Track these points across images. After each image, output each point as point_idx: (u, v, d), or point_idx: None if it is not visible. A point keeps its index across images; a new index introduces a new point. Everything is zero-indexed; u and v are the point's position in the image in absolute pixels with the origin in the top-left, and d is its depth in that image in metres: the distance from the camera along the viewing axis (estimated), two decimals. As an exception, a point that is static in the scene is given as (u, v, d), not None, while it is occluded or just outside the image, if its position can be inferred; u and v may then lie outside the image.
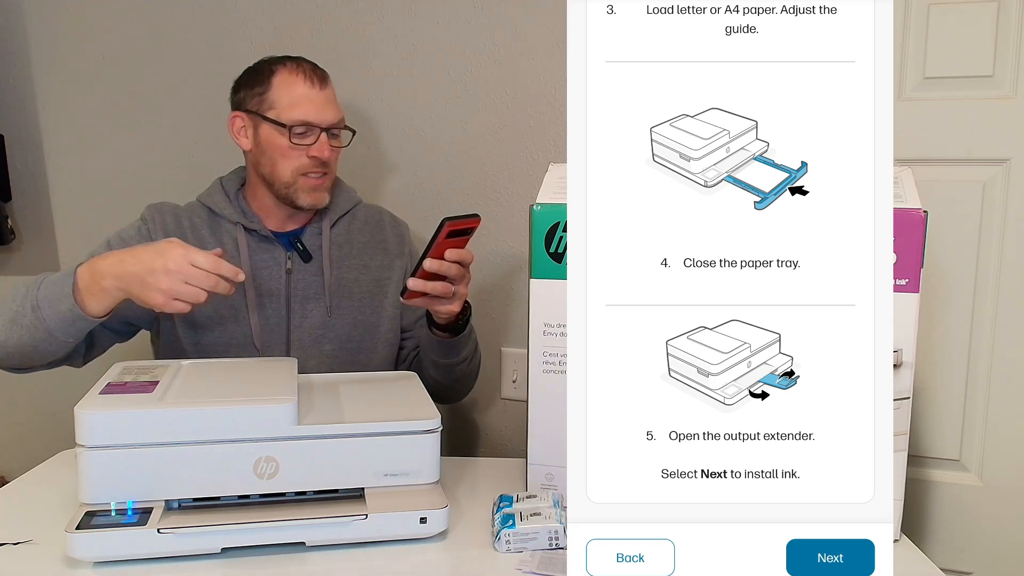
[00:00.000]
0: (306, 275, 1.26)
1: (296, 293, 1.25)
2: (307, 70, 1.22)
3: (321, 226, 1.29)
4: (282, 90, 1.20)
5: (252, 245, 1.24)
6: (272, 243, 1.25)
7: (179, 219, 1.24)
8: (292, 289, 1.25)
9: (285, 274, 1.25)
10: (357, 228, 1.32)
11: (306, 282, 1.25)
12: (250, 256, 1.23)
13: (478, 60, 1.48)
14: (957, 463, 1.24)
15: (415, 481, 0.91)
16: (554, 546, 0.87)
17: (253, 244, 1.24)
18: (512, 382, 1.54)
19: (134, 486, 0.84)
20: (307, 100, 1.20)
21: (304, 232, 1.28)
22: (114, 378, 0.93)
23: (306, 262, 1.26)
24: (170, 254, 0.99)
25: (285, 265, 1.25)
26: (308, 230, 1.28)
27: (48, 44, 1.66)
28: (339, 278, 1.27)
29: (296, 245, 1.26)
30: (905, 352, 0.89)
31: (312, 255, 1.26)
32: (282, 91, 1.20)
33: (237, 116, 1.24)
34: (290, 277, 1.25)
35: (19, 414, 1.73)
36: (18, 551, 0.86)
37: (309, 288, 1.25)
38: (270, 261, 1.24)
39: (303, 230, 1.28)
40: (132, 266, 1.00)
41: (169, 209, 1.25)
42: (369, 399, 0.99)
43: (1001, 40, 1.15)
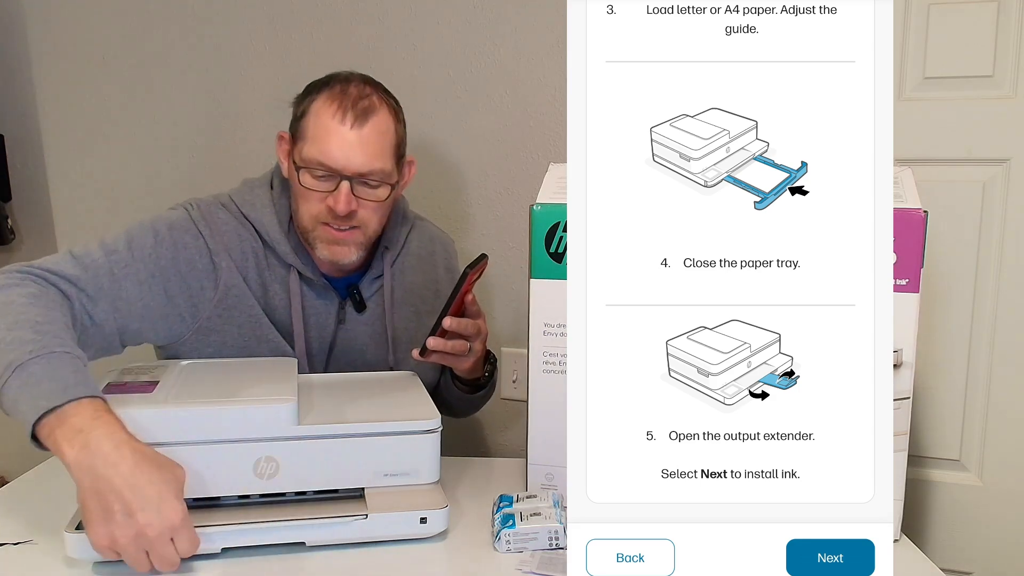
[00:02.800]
0: (356, 325, 1.12)
1: (340, 344, 1.11)
2: (348, 101, 1.00)
3: (382, 268, 1.12)
4: (313, 119, 1.01)
5: (304, 292, 1.08)
6: (326, 291, 1.09)
7: (239, 238, 1.05)
8: (337, 340, 1.11)
9: (335, 324, 1.10)
10: (410, 266, 1.16)
11: (354, 333, 1.12)
12: (303, 304, 1.07)
13: (478, 60, 1.48)
14: (957, 463, 1.24)
15: (415, 481, 0.91)
16: (554, 546, 0.87)
17: (305, 291, 1.08)
18: (512, 382, 1.54)
19: (134, 486, 0.83)
20: (332, 138, 0.99)
21: (362, 279, 1.12)
22: (114, 378, 0.93)
23: (359, 313, 1.11)
24: (167, 513, 0.76)
25: (336, 315, 1.10)
26: (367, 275, 1.12)
27: (48, 44, 1.66)
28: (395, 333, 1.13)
29: (353, 295, 1.11)
30: (905, 352, 0.89)
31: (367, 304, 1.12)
32: (312, 120, 1.01)
33: (282, 137, 1.08)
34: (339, 328, 1.11)
35: (19, 414, 1.73)
36: (18, 551, 0.86)
37: (356, 340, 1.12)
38: (320, 310, 1.09)
39: (361, 276, 1.12)
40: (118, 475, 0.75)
41: (224, 221, 1.05)
42: (369, 399, 0.99)
43: (1001, 40, 1.15)
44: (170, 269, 1.01)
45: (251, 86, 1.60)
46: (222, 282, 1.04)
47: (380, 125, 1.02)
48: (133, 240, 1.00)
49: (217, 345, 1.05)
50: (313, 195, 1.02)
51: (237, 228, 1.06)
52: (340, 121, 1.00)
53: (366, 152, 1.00)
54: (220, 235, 1.05)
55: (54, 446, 0.76)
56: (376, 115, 1.02)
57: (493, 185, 1.51)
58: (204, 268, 1.03)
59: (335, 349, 1.12)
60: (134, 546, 0.76)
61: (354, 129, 1.00)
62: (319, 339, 1.10)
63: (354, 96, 1.02)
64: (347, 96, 1.01)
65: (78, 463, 0.75)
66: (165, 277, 1.01)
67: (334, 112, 1.00)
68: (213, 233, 1.04)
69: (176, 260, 1.02)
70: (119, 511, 0.75)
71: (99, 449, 0.76)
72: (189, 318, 1.03)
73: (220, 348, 1.05)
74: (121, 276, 0.97)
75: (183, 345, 1.05)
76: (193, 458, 0.84)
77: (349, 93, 1.02)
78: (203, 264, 1.03)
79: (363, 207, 1.03)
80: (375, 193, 1.03)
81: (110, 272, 0.97)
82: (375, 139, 1.01)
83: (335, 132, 1.00)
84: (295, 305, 1.06)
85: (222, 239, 1.04)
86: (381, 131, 1.02)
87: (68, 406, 0.77)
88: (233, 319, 1.05)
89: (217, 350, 1.05)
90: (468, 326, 1.02)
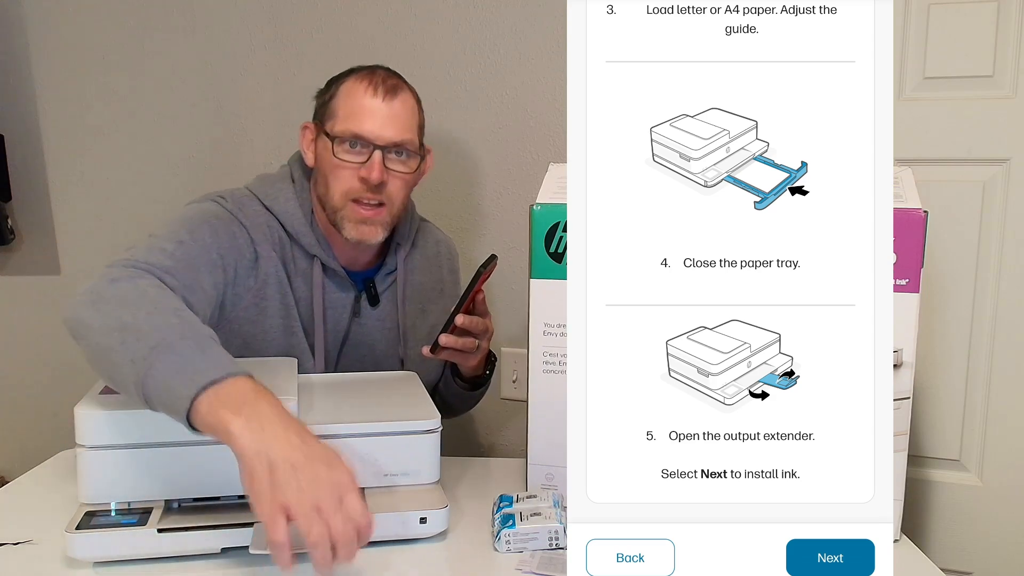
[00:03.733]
0: (369, 320, 1.15)
1: (353, 338, 1.14)
2: (376, 79, 1.07)
3: (396, 264, 1.16)
4: (343, 99, 1.07)
5: (325, 283, 1.11)
6: (345, 284, 1.13)
7: (270, 229, 1.08)
8: (350, 334, 1.14)
9: (350, 316, 1.14)
10: (420, 266, 1.20)
11: (367, 327, 1.15)
12: (324, 296, 1.11)
13: (478, 60, 1.48)
14: (957, 463, 1.24)
15: (415, 481, 0.91)
16: (554, 546, 0.87)
17: (327, 282, 1.11)
18: (512, 382, 1.54)
19: (134, 486, 0.84)
20: (365, 111, 1.05)
21: (377, 273, 1.16)
22: (114, 378, 0.93)
23: (373, 307, 1.15)
24: (342, 474, 0.73)
25: (352, 308, 1.14)
26: (381, 269, 1.16)
27: (48, 44, 1.66)
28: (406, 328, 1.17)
29: (369, 289, 1.15)
30: (905, 352, 0.89)
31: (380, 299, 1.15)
32: (343, 100, 1.07)
33: (307, 127, 1.12)
34: (352, 322, 1.14)
35: (19, 414, 1.73)
36: (18, 551, 0.86)
37: (368, 335, 1.15)
38: (338, 303, 1.12)
39: (376, 270, 1.16)
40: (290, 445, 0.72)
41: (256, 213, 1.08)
42: (369, 399, 0.99)
43: (1001, 40, 1.15)
44: (229, 257, 1.03)
45: (251, 85, 1.60)
46: (262, 271, 1.07)
47: (408, 101, 1.09)
48: (194, 232, 1.01)
49: (248, 336, 1.06)
50: (345, 170, 1.05)
51: (268, 219, 1.09)
52: (372, 95, 1.05)
53: (397, 123, 1.06)
54: (256, 226, 1.07)
55: (215, 420, 0.73)
56: (404, 92, 1.09)
57: (493, 185, 1.51)
58: (250, 259, 1.06)
59: (347, 343, 1.15)
60: (308, 512, 0.70)
61: (385, 102, 1.06)
62: (334, 332, 1.13)
63: (382, 76, 1.08)
64: (376, 76, 1.08)
65: (246, 432, 0.72)
66: (224, 266, 1.02)
67: (365, 88, 1.06)
68: (252, 224, 1.07)
69: (232, 249, 1.04)
70: (292, 477, 0.71)
71: (268, 420, 0.73)
72: (229, 307, 1.05)
73: (251, 339, 1.06)
74: (197, 265, 0.98)
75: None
76: (193, 458, 0.84)
77: (377, 74, 1.08)
78: (249, 255, 1.06)
79: (392, 180, 1.07)
80: (405, 164, 1.08)
81: (189, 262, 0.97)
82: (405, 112, 1.07)
83: (368, 105, 1.05)
84: (317, 296, 1.09)
85: (259, 230, 1.07)
86: (409, 107, 1.09)
87: (228, 381, 0.76)
88: (267, 308, 1.07)
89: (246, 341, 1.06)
90: (478, 324, 1.05)
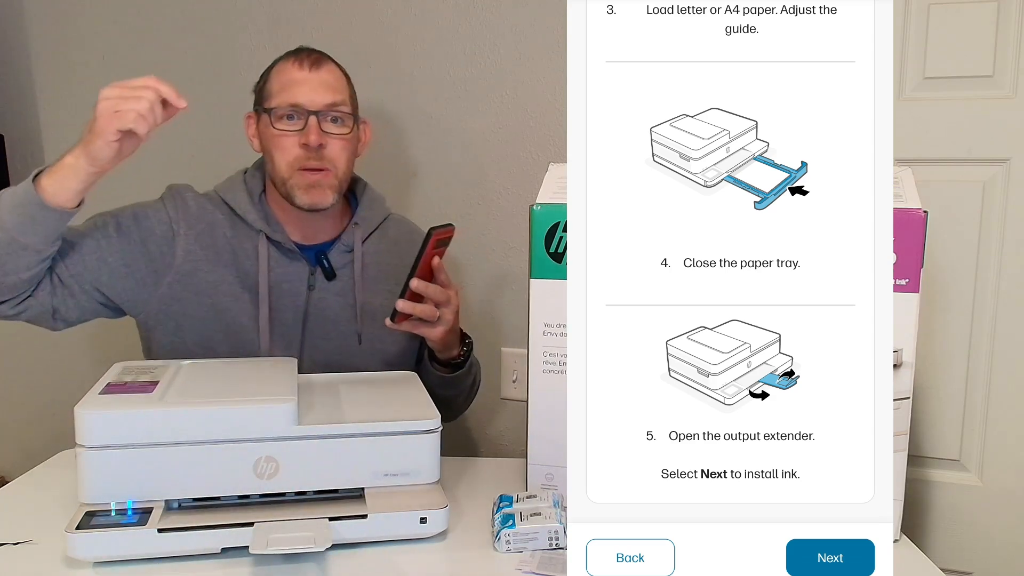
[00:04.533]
0: (327, 295, 1.18)
1: (314, 313, 1.17)
2: (302, 55, 1.16)
3: (352, 242, 1.20)
4: (275, 78, 1.15)
5: (274, 257, 1.16)
6: (296, 257, 1.17)
7: (202, 210, 1.17)
8: (310, 309, 1.17)
9: (306, 291, 1.17)
10: (386, 248, 1.24)
11: (326, 302, 1.18)
12: (270, 269, 1.15)
13: (478, 60, 1.48)
14: (957, 463, 1.24)
15: (415, 481, 0.91)
16: (554, 546, 0.87)
17: (275, 256, 1.16)
18: (512, 382, 1.54)
19: (134, 486, 0.84)
20: (295, 83, 1.13)
21: (332, 247, 1.20)
22: (114, 378, 0.93)
23: (329, 280, 1.18)
24: (102, 94, 1.00)
25: (307, 282, 1.17)
26: (337, 245, 1.20)
27: (48, 44, 1.66)
28: (364, 303, 1.19)
29: (322, 262, 1.18)
30: (905, 352, 0.89)
31: (337, 274, 1.19)
32: (275, 79, 1.15)
33: (249, 117, 1.20)
34: (310, 295, 1.17)
35: (19, 414, 1.73)
36: (18, 551, 0.86)
37: (329, 309, 1.18)
38: (292, 276, 1.16)
39: (331, 245, 1.20)
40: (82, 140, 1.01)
41: (192, 197, 1.18)
42: (369, 399, 0.99)
43: (1001, 40, 1.15)
44: (132, 230, 1.13)
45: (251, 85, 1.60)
46: (180, 248, 1.14)
47: (334, 71, 1.17)
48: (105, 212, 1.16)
49: (179, 316, 1.14)
50: (285, 139, 1.13)
51: (203, 204, 1.18)
52: (299, 68, 1.14)
53: (326, 88, 1.14)
54: (184, 209, 1.16)
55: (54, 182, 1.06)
56: (328, 63, 1.17)
57: (493, 185, 1.51)
58: (163, 235, 1.14)
59: (309, 318, 1.18)
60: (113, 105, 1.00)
61: (312, 71, 1.14)
62: (292, 306, 1.17)
63: (306, 52, 1.17)
64: (300, 52, 1.17)
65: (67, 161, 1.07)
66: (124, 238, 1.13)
67: (292, 63, 1.15)
68: (176, 206, 1.16)
69: (136, 223, 1.14)
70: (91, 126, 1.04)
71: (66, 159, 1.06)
72: (151, 284, 1.14)
73: (182, 319, 1.14)
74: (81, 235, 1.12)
75: (149, 316, 1.15)
76: (193, 458, 0.84)
77: (302, 51, 1.17)
78: (162, 231, 1.14)
79: (331, 144, 1.13)
80: (341, 127, 1.15)
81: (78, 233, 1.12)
82: (332, 79, 1.15)
83: (297, 76, 1.14)
84: (262, 267, 1.15)
85: (185, 212, 1.16)
86: (336, 75, 1.17)
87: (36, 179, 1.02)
88: (193, 286, 1.14)
89: (178, 322, 1.14)
90: (437, 292, 1.06)
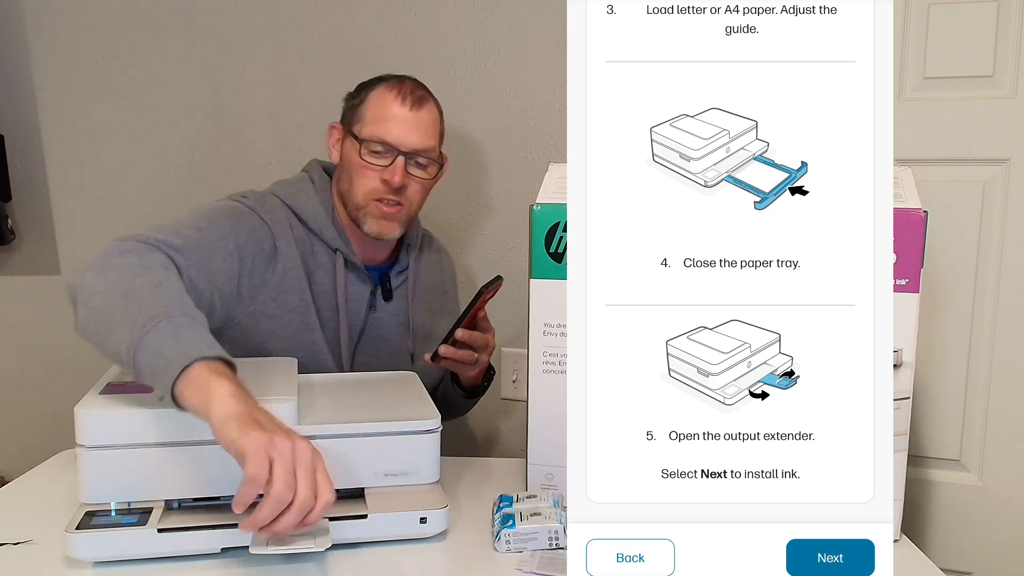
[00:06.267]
0: (384, 314, 1.21)
1: (369, 332, 1.20)
2: (405, 89, 1.13)
3: (408, 261, 1.23)
4: (372, 105, 1.14)
5: (347, 276, 1.17)
6: (364, 277, 1.19)
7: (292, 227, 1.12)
8: (367, 327, 1.19)
9: (366, 310, 1.19)
10: (424, 266, 1.27)
11: (381, 322, 1.21)
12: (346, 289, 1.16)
13: (478, 60, 1.48)
14: (957, 463, 1.24)
15: (415, 481, 0.91)
16: (554, 546, 0.87)
17: (347, 274, 1.17)
18: (512, 382, 1.54)
19: (134, 486, 0.84)
20: (392, 118, 1.11)
21: (392, 268, 1.23)
22: (114, 378, 0.93)
23: (387, 301, 1.21)
24: (316, 452, 0.76)
25: (368, 301, 1.19)
26: (396, 266, 1.23)
27: (48, 44, 1.66)
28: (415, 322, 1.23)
29: (385, 283, 1.21)
30: (905, 352, 0.89)
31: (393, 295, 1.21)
32: (372, 106, 1.13)
33: (334, 127, 1.19)
34: (369, 314, 1.20)
35: (19, 414, 1.73)
36: (18, 551, 0.86)
37: (383, 328, 1.21)
38: (356, 295, 1.18)
39: (391, 266, 1.23)
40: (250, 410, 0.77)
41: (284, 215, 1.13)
42: (369, 399, 0.99)
43: (1001, 40, 1.15)
44: (246, 249, 1.07)
45: (251, 85, 1.60)
46: (280, 265, 1.10)
47: (432, 112, 1.16)
48: (213, 220, 1.06)
49: (266, 333, 1.10)
50: (369, 171, 1.12)
51: (288, 215, 1.14)
52: (400, 104, 1.12)
53: (420, 132, 1.13)
54: (277, 221, 1.12)
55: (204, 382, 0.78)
56: (429, 103, 1.16)
57: (493, 185, 1.51)
58: (268, 252, 1.10)
59: (364, 336, 1.19)
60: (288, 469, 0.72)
61: (412, 111, 1.12)
62: (353, 325, 1.18)
63: (411, 86, 1.15)
64: (404, 86, 1.14)
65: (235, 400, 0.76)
66: (240, 257, 1.06)
67: (394, 96, 1.13)
68: (272, 219, 1.11)
69: (250, 241, 1.08)
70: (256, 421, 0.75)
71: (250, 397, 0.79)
72: (247, 299, 1.08)
73: (269, 337, 1.10)
74: (211, 251, 1.02)
75: (234, 329, 1.08)
76: (193, 458, 0.84)
77: (406, 84, 1.15)
78: (268, 248, 1.09)
79: (411, 184, 1.14)
80: (425, 171, 1.15)
81: (202, 245, 1.01)
82: (429, 122, 1.14)
83: (395, 112, 1.12)
84: (340, 288, 1.14)
85: (279, 225, 1.12)
86: (433, 117, 1.16)
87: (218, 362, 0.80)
88: (287, 303, 1.11)
89: (264, 339, 1.10)
90: (477, 339, 1.12)
